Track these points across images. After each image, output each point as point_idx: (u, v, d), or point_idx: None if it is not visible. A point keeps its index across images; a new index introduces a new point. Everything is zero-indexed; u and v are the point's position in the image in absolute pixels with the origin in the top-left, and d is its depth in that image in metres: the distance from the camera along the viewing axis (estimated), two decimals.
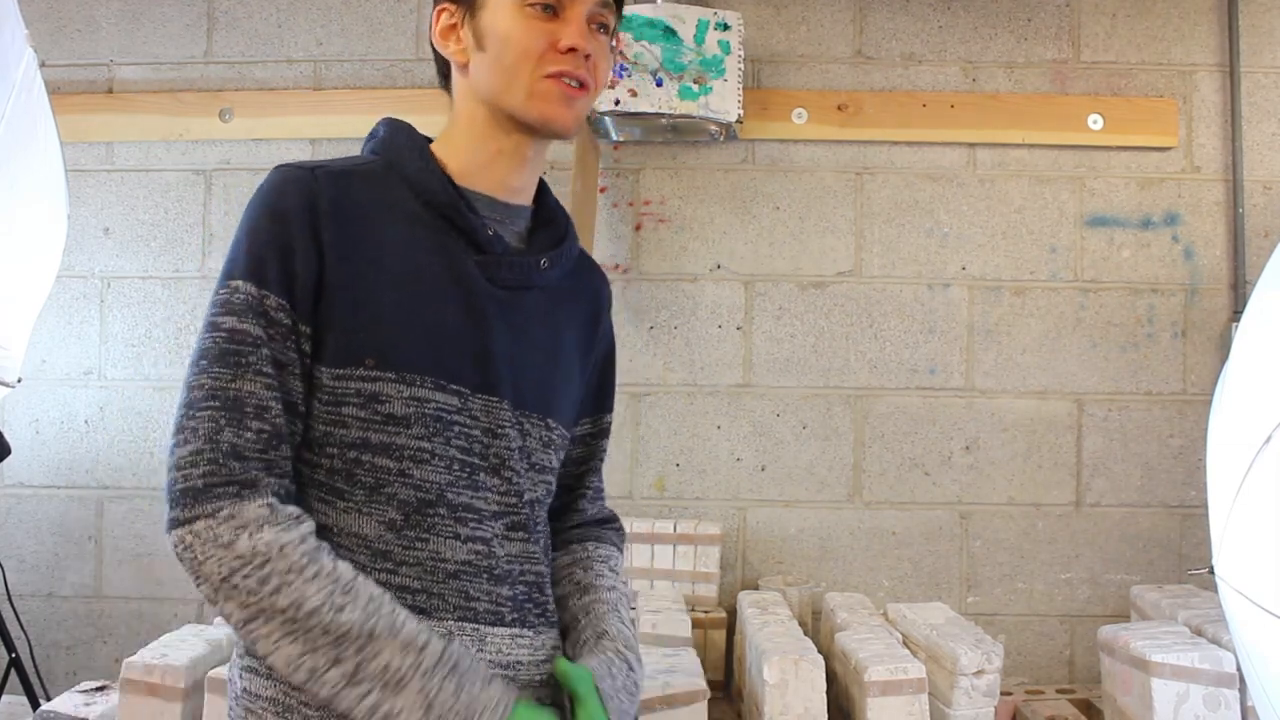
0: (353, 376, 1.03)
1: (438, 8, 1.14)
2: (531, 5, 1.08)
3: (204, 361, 0.99)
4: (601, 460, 1.31)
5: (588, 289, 1.25)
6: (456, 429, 1.06)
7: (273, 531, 0.95)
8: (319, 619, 0.94)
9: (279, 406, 1.00)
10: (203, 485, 0.95)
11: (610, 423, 1.31)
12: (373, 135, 1.17)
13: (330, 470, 1.04)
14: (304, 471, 1.05)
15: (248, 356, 0.99)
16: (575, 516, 1.28)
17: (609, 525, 1.31)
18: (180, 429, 0.97)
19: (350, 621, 0.94)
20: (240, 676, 1.05)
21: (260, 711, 1.02)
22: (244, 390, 0.98)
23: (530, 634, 1.11)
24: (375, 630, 0.95)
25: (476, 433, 1.07)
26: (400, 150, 1.13)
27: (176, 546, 0.95)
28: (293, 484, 1.02)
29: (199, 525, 0.94)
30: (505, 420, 1.09)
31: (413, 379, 1.04)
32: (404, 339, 1.04)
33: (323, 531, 1.03)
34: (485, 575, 1.07)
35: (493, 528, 1.08)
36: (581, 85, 1.09)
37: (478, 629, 1.06)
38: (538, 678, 1.10)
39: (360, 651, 0.94)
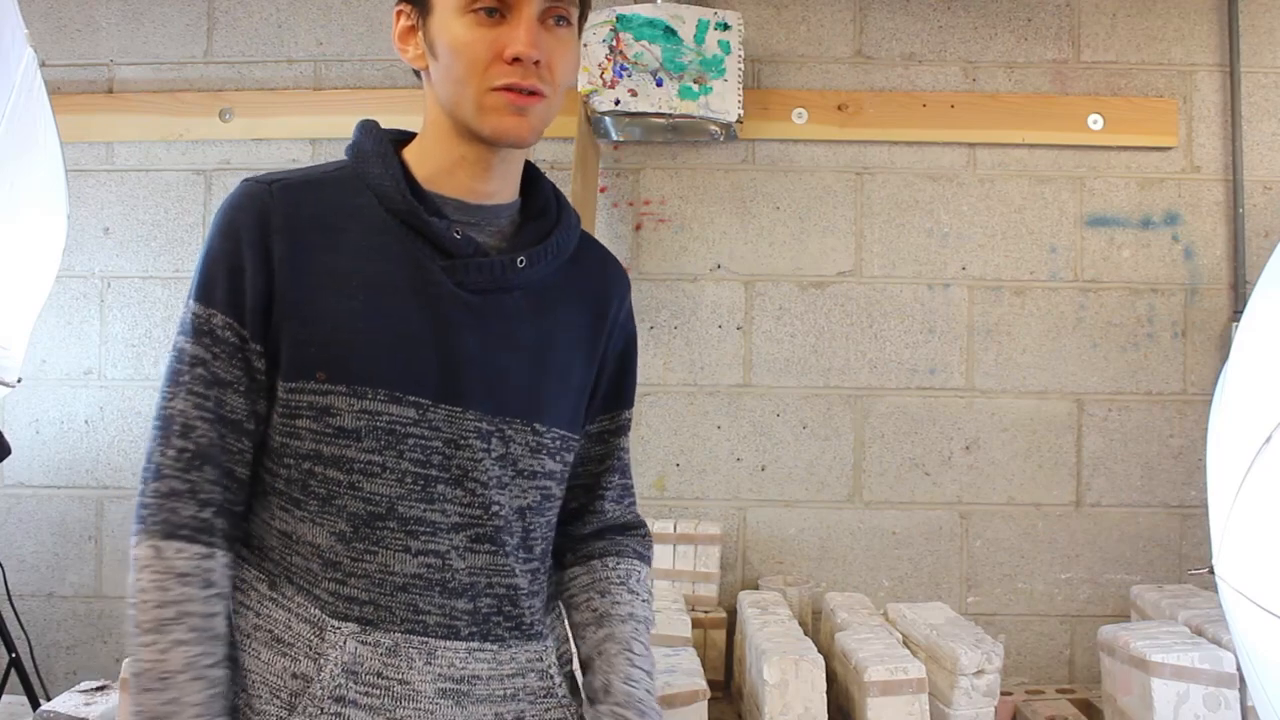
0: (305, 390, 1.03)
1: (396, 8, 1.12)
2: (474, 10, 1.03)
3: (162, 382, 1.04)
4: (622, 459, 1.25)
5: (593, 281, 1.19)
6: (411, 441, 1.04)
7: (149, 579, 0.98)
8: (136, 679, 0.97)
9: (206, 425, 1.01)
10: (138, 504, 1.01)
11: (629, 419, 1.25)
12: (351, 138, 1.16)
13: (288, 480, 1.05)
14: (266, 479, 1.06)
15: (182, 376, 1.02)
16: (595, 519, 1.23)
17: (632, 532, 1.25)
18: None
19: (142, 708, 0.96)
20: None
21: None
22: (175, 409, 1.02)
23: (495, 648, 1.08)
24: None
25: (436, 444, 1.05)
26: (366, 155, 1.11)
27: None
28: (216, 510, 1.02)
29: (131, 540, 1.01)
30: (472, 431, 1.06)
31: (364, 392, 1.02)
32: (358, 351, 1.03)
33: (283, 537, 1.05)
34: (439, 588, 1.05)
35: (450, 540, 1.05)
36: (534, 92, 1.04)
37: (426, 642, 1.05)
38: (500, 693, 1.07)
39: None
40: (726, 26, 2.83)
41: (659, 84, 2.80)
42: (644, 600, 1.20)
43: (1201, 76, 3.05)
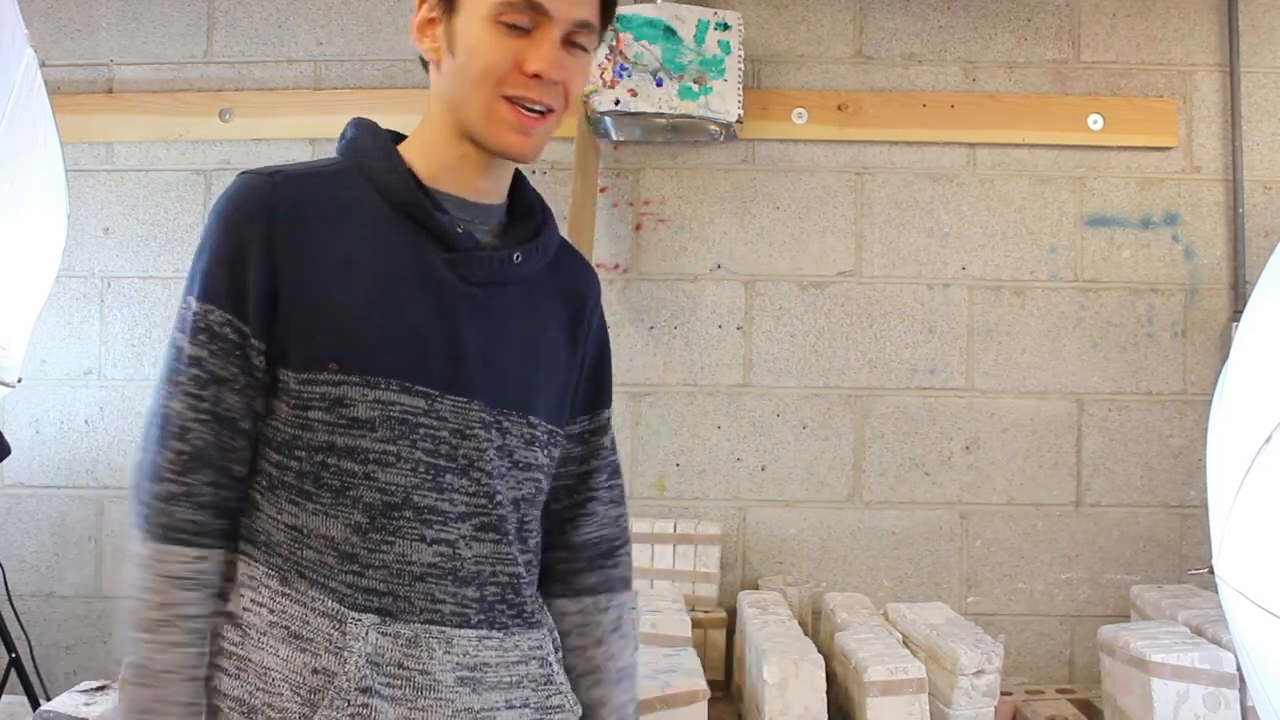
0: (317, 381, 1.04)
1: None
2: (503, 22, 1.04)
3: (159, 379, 1.06)
4: (607, 459, 1.27)
5: (572, 283, 1.23)
6: (423, 431, 1.06)
7: (148, 579, 1.01)
8: (131, 670, 1.01)
9: (202, 427, 1.03)
10: (137, 500, 1.03)
11: (609, 419, 1.28)
12: (342, 136, 1.16)
13: (299, 473, 1.05)
14: (275, 474, 1.06)
15: (179, 375, 1.05)
16: (588, 521, 1.24)
17: (619, 555, 1.26)
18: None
19: (133, 700, 1.00)
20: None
21: (227, 711, 1.04)
22: (171, 410, 1.04)
23: (500, 635, 1.10)
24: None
25: (444, 434, 1.07)
26: (366, 150, 1.12)
27: None
28: (214, 511, 1.04)
29: (131, 532, 1.03)
30: (476, 421, 1.08)
31: (377, 382, 1.04)
32: (369, 342, 1.04)
33: (292, 531, 1.06)
34: (450, 577, 1.07)
35: (459, 529, 1.08)
36: (544, 111, 1.06)
37: (444, 631, 1.07)
38: (507, 679, 1.10)
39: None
40: (726, 26, 2.83)
41: (659, 84, 2.80)
42: (634, 643, 1.27)
43: (1201, 76, 3.05)
